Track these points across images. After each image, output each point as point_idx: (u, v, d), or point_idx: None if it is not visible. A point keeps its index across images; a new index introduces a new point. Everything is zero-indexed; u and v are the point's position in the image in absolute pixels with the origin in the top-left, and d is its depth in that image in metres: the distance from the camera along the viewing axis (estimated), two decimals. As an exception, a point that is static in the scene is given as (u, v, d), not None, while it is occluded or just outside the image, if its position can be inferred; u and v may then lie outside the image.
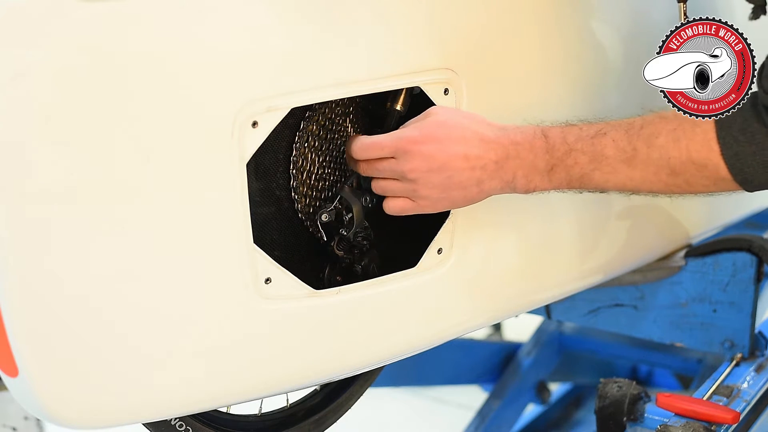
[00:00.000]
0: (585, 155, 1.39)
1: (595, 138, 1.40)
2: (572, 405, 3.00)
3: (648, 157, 1.38)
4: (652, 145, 1.37)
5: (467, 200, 1.42)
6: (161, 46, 1.21)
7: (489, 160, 1.39)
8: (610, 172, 1.40)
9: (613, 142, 1.39)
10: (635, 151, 1.38)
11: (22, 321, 1.19)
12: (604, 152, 1.39)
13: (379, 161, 1.41)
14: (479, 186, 1.40)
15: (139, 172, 1.22)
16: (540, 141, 1.40)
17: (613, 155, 1.39)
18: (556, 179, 1.41)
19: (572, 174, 1.40)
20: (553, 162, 1.40)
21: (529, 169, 1.40)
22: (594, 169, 1.40)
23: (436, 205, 1.42)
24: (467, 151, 1.38)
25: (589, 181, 1.41)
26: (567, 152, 1.40)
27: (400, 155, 1.38)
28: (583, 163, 1.40)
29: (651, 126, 1.38)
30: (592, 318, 2.06)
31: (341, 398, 1.63)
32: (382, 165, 1.40)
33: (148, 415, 1.35)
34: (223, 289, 1.31)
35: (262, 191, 1.41)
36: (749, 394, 1.80)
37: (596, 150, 1.39)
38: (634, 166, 1.39)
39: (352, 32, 1.36)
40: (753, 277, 1.92)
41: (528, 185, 1.41)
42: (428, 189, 1.39)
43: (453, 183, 1.39)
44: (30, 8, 1.13)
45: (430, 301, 1.53)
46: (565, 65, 1.62)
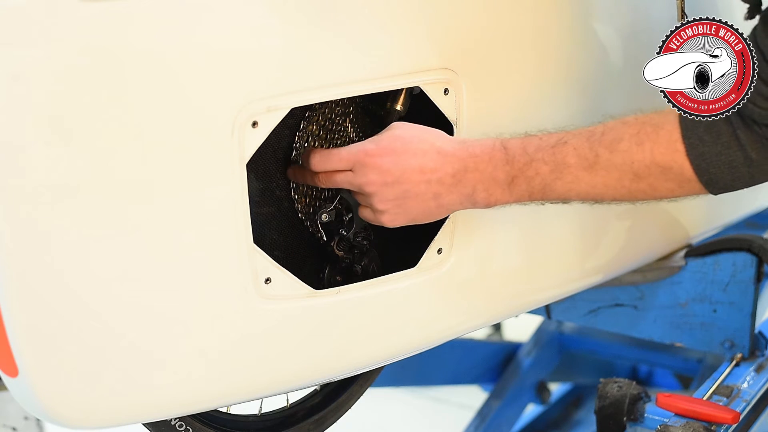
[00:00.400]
0: (546, 165, 1.38)
1: (556, 147, 1.38)
2: (572, 405, 3.00)
3: (610, 162, 1.36)
4: (614, 150, 1.36)
5: (426, 215, 1.41)
6: (161, 46, 1.21)
7: (445, 173, 1.37)
8: (572, 180, 1.38)
9: (575, 150, 1.37)
10: (597, 157, 1.37)
11: (22, 321, 1.19)
12: (565, 161, 1.37)
13: (336, 173, 1.39)
14: (437, 200, 1.39)
15: (139, 172, 1.22)
16: (499, 152, 1.38)
17: (574, 163, 1.37)
18: (517, 191, 1.39)
19: (533, 185, 1.39)
20: (513, 173, 1.38)
21: (488, 181, 1.38)
22: (556, 179, 1.38)
23: (395, 220, 1.40)
24: (423, 164, 1.37)
25: (551, 192, 1.40)
26: (527, 163, 1.38)
27: (357, 168, 1.38)
28: (545, 173, 1.38)
29: (613, 131, 1.37)
30: (592, 318, 2.06)
31: (341, 398, 1.63)
32: (339, 177, 1.39)
33: (148, 415, 1.35)
34: (223, 289, 1.31)
35: (262, 191, 1.41)
36: (749, 394, 1.80)
37: (557, 159, 1.37)
38: (596, 172, 1.37)
39: (352, 32, 1.36)
40: (753, 277, 1.92)
41: (488, 198, 1.39)
42: (384, 203, 1.38)
43: (409, 196, 1.38)
44: (30, 8, 1.13)
45: (430, 301, 1.53)
46: (565, 65, 1.62)
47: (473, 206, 1.41)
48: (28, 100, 1.15)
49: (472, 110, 1.47)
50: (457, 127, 1.47)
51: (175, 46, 1.22)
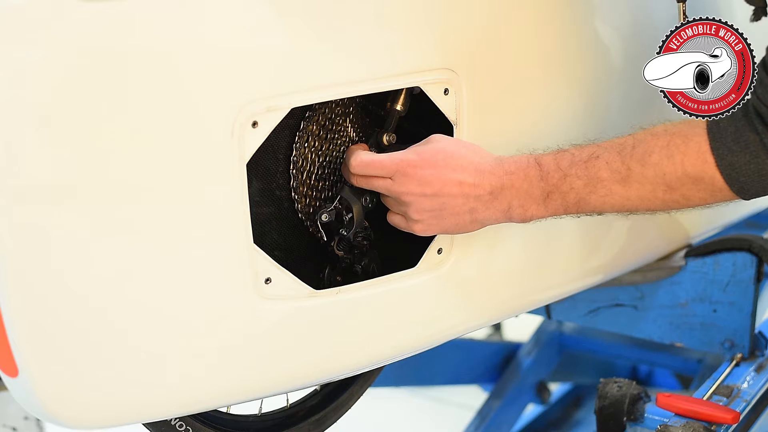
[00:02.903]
0: (580, 180, 1.40)
1: (589, 162, 1.40)
2: (572, 405, 3.00)
3: (643, 175, 1.38)
4: (646, 164, 1.38)
5: (459, 227, 1.43)
6: (161, 45, 1.21)
7: (483, 190, 1.40)
8: (607, 194, 1.40)
9: (607, 164, 1.39)
10: (629, 171, 1.39)
11: (22, 321, 1.19)
12: (598, 175, 1.39)
13: (375, 178, 1.42)
14: (472, 215, 1.41)
15: (138, 172, 1.22)
16: (534, 169, 1.41)
17: (608, 177, 1.39)
18: (553, 206, 1.42)
19: (568, 200, 1.41)
20: (548, 189, 1.41)
21: (524, 198, 1.41)
22: (590, 193, 1.40)
23: (427, 230, 1.44)
24: (463, 179, 1.40)
25: (586, 205, 1.42)
26: (562, 178, 1.40)
27: (398, 177, 1.40)
28: (579, 188, 1.40)
29: (643, 144, 1.39)
30: (592, 318, 2.06)
31: (341, 398, 1.63)
32: (378, 183, 1.42)
33: (148, 415, 1.35)
34: (223, 289, 1.31)
35: (262, 191, 1.41)
36: (749, 394, 1.80)
37: (590, 174, 1.40)
38: (629, 186, 1.39)
39: (352, 32, 1.36)
40: (753, 277, 1.92)
41: (524, 214, 1.42)
42: (420, 213, 1.41)
43: (446, 209, 1.41)
44: (30, 8, 1.13)
45: (430, 301, 1.53)
46: (566, 65, 1.62)
47: (509, 221, 1.44)
48: (28, 101, 1.15)
49: (472, 110, 1.47)
50: (457, 127, 1.47)
51: (176, 46, 1.22)
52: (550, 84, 1.60)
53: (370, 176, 1.42)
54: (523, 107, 1.56)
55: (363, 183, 1.44)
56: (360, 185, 1.44)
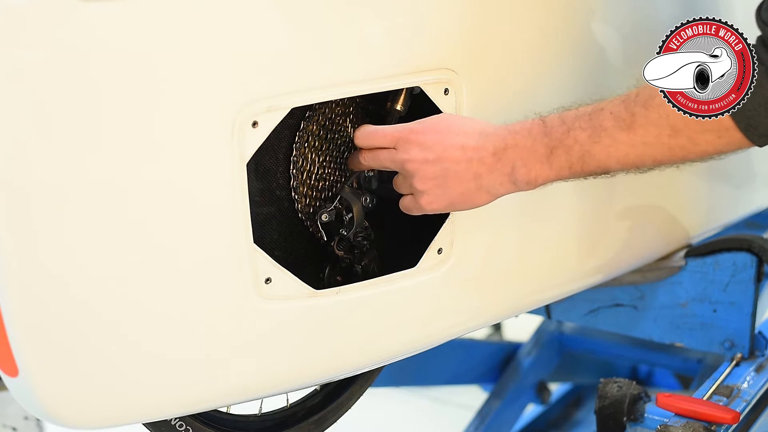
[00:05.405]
0: (584, 131, 1.39)
1: (593, 113, 1.40)
2: (572, 405, 3.00)
3: (647, 119, 1.36)
4: (649, 107, 1.36)
5: (466, 198, 1.42)
6: (161, 46, 1.21)
7: (486, 152, 1.39)
8: (611, 144, 1.38)
9: (611, 114, 1.38)
10: (633, 116, 1.37)
11: (22, 321, 1.19)
12: (602, 125, 1.38)
13: (380, 150, 1.43)
14: (477, 181, 1.40)
15: (139, 172, 1.22)
16: (538, 126, 1.41)
17: (612, 126, 1.38)
18: (557, 163, 1.40)
19: (572, 154, 1.39)
20: (552, 144, 1.39)
21: (528, 156, 1.40)
22: (594, 143, 1.38)
23: (434, 202, 1.42)
24: (465, 143, 1.39)
25: (591, 159, 1.40)
26: (565, 132, 1.39)
27: (401, 145, 1.40)
28: (583, 140, 1.39)
29: (647, 90, 1.37)
30: (592, 318, 2.06)
31: (341, 398, 1.63)
32: (383, 154, 1.43)
33: (148, 415, 1.35)
34: (223, 289, 1.31)
35: (262, 191, 1.41)
36: (749, 394, 1.80)
37: (594, 124, 1.39)
38: (633, 131, 1.37)
39: (352, 32, 1.36)
40: (753, 277, 1.92)
41: (528, 174, 1.40)
42: (424, 182, 1.40)
43: (449, 174, 1.39)
44: (30, 8, 1.13)
45: (430, 301, 1.53)
46: (566, 65, 1.62)
47: (515, 187, 1.42)
48: (28, 101, 1.15)
49: (472, 110, 1.47)
50: (457, 127, 1.47)
51: (175, 46, 1.22)
52: (550, 83, 1.60)
53: (375, 149, 1.43)
54: (523, 107, 1.55)
55: (370, 160, 1.44)
56: (368, 163, 1.44)
